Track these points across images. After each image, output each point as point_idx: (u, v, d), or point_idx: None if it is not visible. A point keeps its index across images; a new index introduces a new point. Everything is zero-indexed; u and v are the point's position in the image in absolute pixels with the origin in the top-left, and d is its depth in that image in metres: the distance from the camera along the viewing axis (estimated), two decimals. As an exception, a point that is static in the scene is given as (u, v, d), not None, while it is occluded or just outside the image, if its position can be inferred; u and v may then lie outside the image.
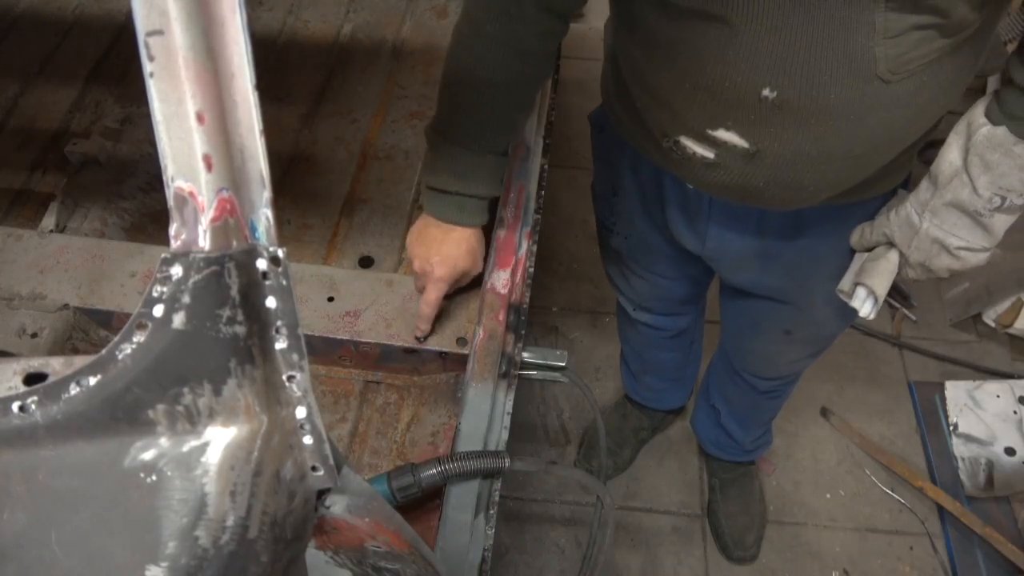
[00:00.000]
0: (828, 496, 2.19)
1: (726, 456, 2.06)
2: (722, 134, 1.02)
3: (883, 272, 1.14)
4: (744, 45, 0.91)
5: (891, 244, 1.14)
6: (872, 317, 1.17)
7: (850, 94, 0.92)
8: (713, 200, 1.25)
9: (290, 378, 0.61)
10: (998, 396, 2.26)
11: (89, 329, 1.36)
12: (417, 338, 1.29)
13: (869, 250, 1.19)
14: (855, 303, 1.19)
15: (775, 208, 1.18)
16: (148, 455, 0.55)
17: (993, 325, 2.46)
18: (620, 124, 1.30)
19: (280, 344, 0.59)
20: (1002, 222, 1.04)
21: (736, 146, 1.02)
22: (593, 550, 1.22)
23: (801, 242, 1.25)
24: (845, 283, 1.21)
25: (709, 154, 1.06)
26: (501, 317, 1.28)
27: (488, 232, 1.34)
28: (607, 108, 1.35)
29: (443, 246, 1.22)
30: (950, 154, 1.04)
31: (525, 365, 1.26)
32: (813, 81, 0.91)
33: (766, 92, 0.93)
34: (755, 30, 0.90)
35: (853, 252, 1.23)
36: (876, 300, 1.16)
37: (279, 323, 0.59)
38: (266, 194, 0.57)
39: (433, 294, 1.24)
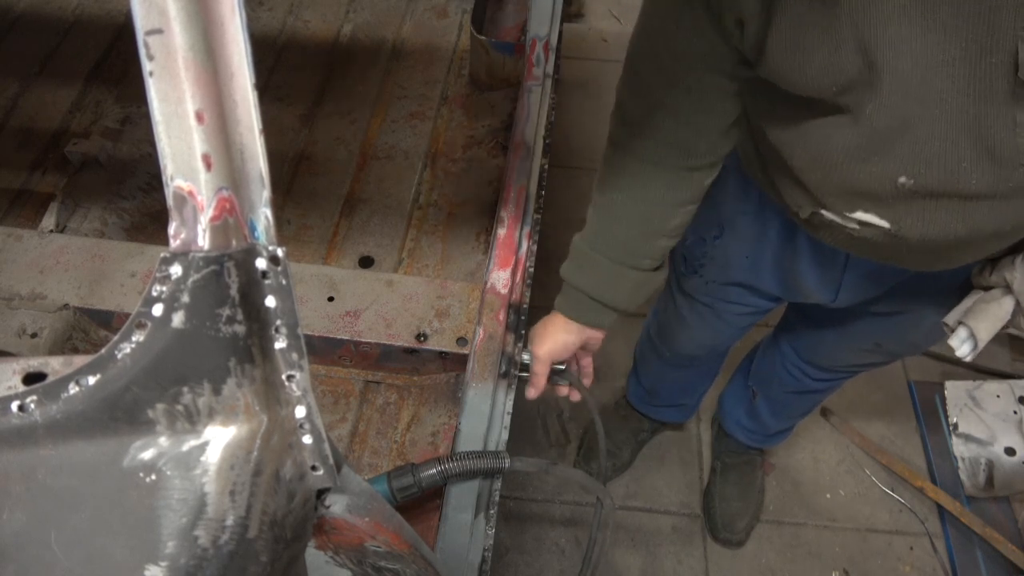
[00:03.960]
0: (828, 496, 2.19)
1: (743, 438, 2.05)
2: (861, 215, 0.98)
3: (991, 317, 1.07)
4: (876, 137, 0.87)
5: (1008, 289, 1.06)
6: (969, 359, 1.10)
7: (994, 181, 0.86)
8: (851, 256, 1.17)
9: (290, 377, 0.61)
10: (998, 396, 2.26)
11: (89, 329, 1.36)
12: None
13: (986, 289, 1.11)
14: (953, 341, 1.12)
15: (918, 269, 1.13)
16: (147, 455, 0.55)
17: (993, 325, 2.45)
18: (756, 178, 1.22)
19: (280, 343, 0.59)
20: None
21: (877, 225, 0.98)
22: (592, 551, 1.22)
23: (926, 274, 1.18)
24: (951, 318, 1.13)
25: (851, 226, 1.02)
26: (501, 317, 1.28)
27: (487, 233, 1.34)
28: (743, 159, 1.22)
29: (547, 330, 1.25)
30: None
31: (524, 367, 1.26)
32: (952, 170, 0.85)
33: (903, 180, 0.89)
34: (887, 123, 0.85)
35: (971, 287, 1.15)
36: (976, 345, 1.09)
37: (279, 322, 0.59)
38: (265, 194, 0.57)
39: (539, 368, 1.25)
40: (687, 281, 1.50)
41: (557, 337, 1.23)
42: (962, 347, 1.10)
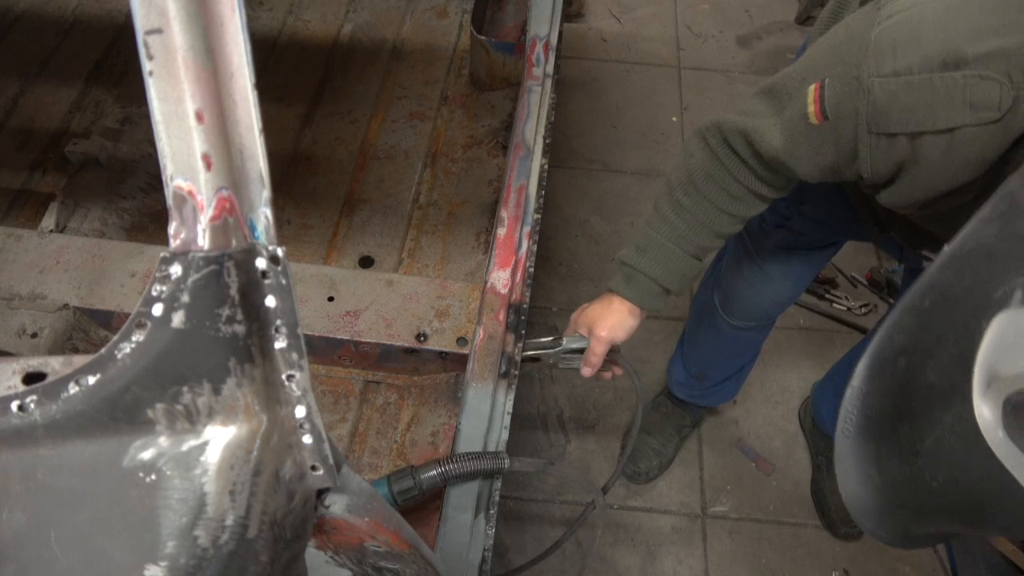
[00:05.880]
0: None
1: None
2: None
3: None
4: None
5: None
6: None
7: None
8: None
9: (289, 377, 0.61)
10: (998, 396, 2.26)
11: (89, 329, 1.36)
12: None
13: None
14: None
15: None
16: (147, 454, 0.55)
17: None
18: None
19: (279, 343, 0.59)
20: None
21: None
22: (565, 541, 1.25)
23: None
24: None
25: None
26: (501, 317, 1.28)
27: (487, 233, 1.34)
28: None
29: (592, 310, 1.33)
30: None
31: (571, 351, 1.32)
32: None
33: None
34: None
35: None
36: None
37: (278, 322, 0.59)
38: (265, 193, 0.57)
39: (599, 348, 1.31)
40: (770, 236, 1.60)
41: (621, 322, 1.29)
42: None
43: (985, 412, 0.66)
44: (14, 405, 0.55)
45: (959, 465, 0.72)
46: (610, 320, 1.28)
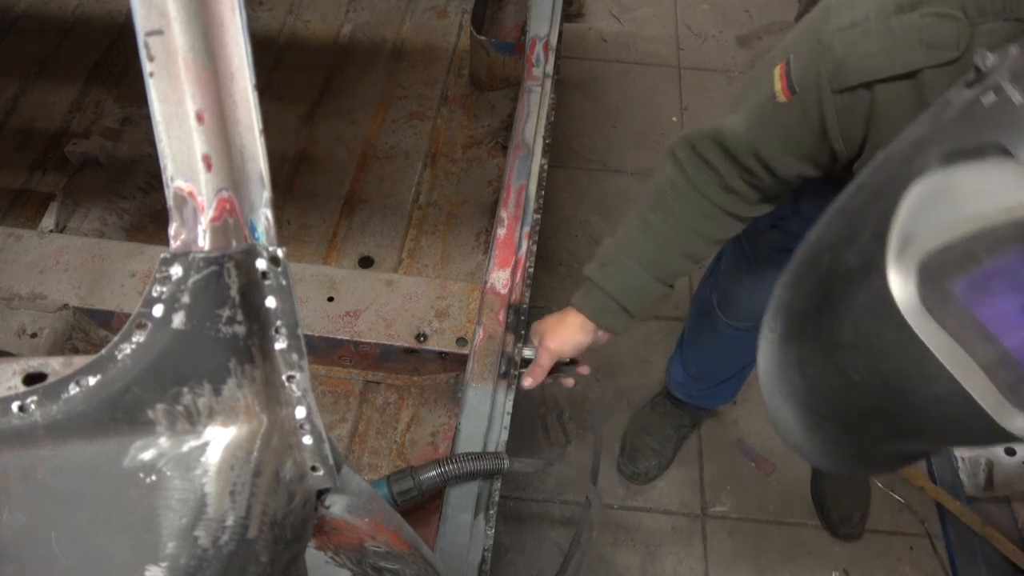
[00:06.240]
0: (828, 496, 2.19)
1: None
2: None
3: None
4: None
5: None
6: None
7: None
8: None
9: (290, 378, 0.61)
10: (998, 396, 2.26)
11: (89, 329, 1.36)
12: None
13: None
14: None
15: None
16: (148, 455, 0.55)
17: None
18: None
19: (280, 344, 0.59)
20: None
21: None
22: (575, 549, 1.23)
23: None
24: None
25: None
26: (501, 317, 1.28)
27: (487, 233, 1.34)
28: None
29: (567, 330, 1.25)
30: None
31: (526, 363, 1.27)
32: None
33: None
34: None
35: None
36: None
37: (279, 323, 0.59)
38: (266, 194, 0.57)
39: (544, 360, 1.26)
40: (765, 236, 1.54)
41: (570, 336, 1.24)
42: None
43: (898, 280, 0.62)
44: (15, 406, 0.55)
45: (877, 348, 0.66)
46: (561, 333, 1.24)
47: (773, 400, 0.81)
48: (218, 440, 0.56)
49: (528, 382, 1.27)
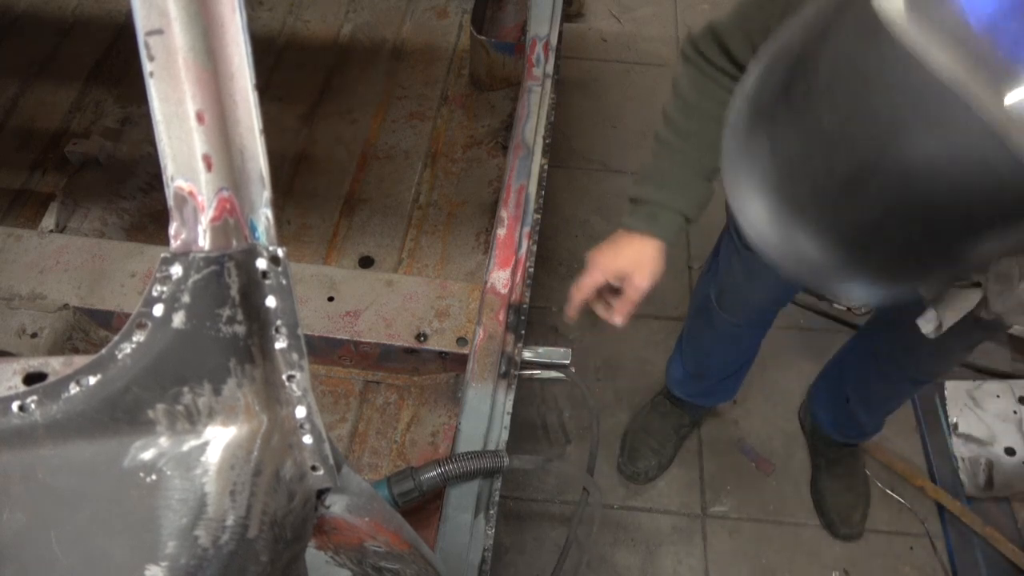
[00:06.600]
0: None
1: (842, 438, 2.11)
2: None
3: (956, 307, 1.18)
4: None
5: (977, 285, 1.15)
6: (932, 336, 1.23)
7: None
8: None
9: (290, 378, 0.61)
10: (998, 396, 2.25)
11: (89, 329, 1.36)
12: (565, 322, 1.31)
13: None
14: (920, 321, 1.24)
15: None
16: (148, 455, 0.55)
17: (993, 325, 2.45)
18: None
19: (280, 344, 0.59)
20: None
21: None
22: (572, 536, 1.24)
23: None
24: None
25: None
26: (501, 317, 1.28)
27: (487, 233, 1.34)
28: None
29: (615, 246, 1.27)
30: None
31: (527, 364, 1.27)
32: None
33: None
34: None
35: None
36: (940, 326, 1.22)
37: (279, 323, 0.59)
38: (266, 194, 0.57)
39: (585, 279, 1.26)
40: None
41: (658, 263, 1.25)
42: (926, 326, 1.23)
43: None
44: (15, 405, 0.55)
45: (861, 77, 0.60)
46: (648, 266, 1.25)
47: (744, 202, 0.72)
48: (218, 440, 0.56)
49: (619, 320, 1.26)
